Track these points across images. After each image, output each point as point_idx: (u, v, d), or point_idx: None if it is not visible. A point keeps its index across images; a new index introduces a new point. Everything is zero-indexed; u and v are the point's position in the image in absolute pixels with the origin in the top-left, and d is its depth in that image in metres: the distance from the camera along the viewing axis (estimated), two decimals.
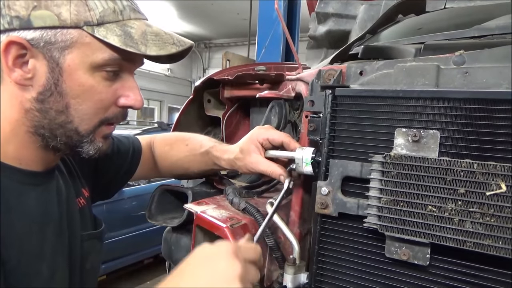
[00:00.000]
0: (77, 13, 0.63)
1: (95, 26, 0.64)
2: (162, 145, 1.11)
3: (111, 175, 1.01)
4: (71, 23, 0.63)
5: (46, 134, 0.68)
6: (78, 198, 0.86)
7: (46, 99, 0.66)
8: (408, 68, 0.74)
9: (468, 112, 0.65)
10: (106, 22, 0.65)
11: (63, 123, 0.67)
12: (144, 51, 0.66)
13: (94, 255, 0.87)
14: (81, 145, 0.71)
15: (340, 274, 0.77)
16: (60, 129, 0.68)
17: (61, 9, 0.62)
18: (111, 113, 0.72)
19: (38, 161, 0.71)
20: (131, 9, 0.69)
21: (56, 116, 0.67)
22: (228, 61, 5.06)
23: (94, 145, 0.72)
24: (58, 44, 0.63)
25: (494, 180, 0.59)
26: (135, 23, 0.68)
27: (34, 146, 0.69)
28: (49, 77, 0.65)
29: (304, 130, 0.91)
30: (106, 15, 0.65)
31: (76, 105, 0.67)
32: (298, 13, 5.02)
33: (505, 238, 0.58)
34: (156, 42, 0.68)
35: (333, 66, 0.86)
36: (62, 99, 0.66)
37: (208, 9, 10.02)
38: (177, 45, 0.71)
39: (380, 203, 0.68)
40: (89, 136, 0.71)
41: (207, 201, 0.99)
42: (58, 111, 0.67)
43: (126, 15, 0.68)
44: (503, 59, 0.68)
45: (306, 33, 2.10)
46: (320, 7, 1.85)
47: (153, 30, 0.70)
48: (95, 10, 0.64)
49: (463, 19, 1.10)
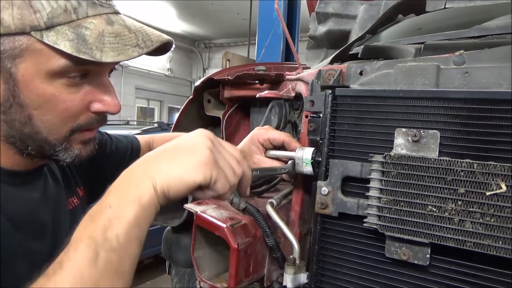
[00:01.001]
0: (20, 17, 0.56)
1: (44, 31, 0.57)
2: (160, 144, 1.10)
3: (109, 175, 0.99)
4: (16, 29, 0.56)
5: (18, 143, 0.64)
6: (71, 198, 0.83)
7: (7, 110, 0.61)
8: (408, 68, 0.74)
9: (468, 112, 0.65)
10: (56, 25, 0.57)
11: (31, 133, 0.63)
12: (99, 57, 0.58)
13: None
14: (55, 154, 0.66)
15: (340, 274, 0.77)
16: (29, 139, 0.64)
17: (2, 14, 0.55)
18: (83, 120, 0.66)
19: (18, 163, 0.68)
20: (89, 4, 0.61)
21: (22, 127, 0.62)
22: (228, 61, 5.06)
23: (70, 152, 0.67)
24: (7, 52, 0.57)
25: (494, 180, 0.59)
26: (93, 22, 0.60)
27: (11, 152, 0.66)
28: (5, 88, 0.59)
29: (304, 130, 0.91)
30: (55, 16, 0.57)
31: (39, 116, 0.62)
32: (298, 13, 5.02)
33: (505, 238, 0.58)
34: (115, 45, 0.60)
35: (333, 66, 0.86)
36: (22, 110, 0.61)
37: (208, 9, 10.02)
38: (141, 46, 0.62)
39: (380, 203, 0.68)
40: (62, 145, 0.66)
41: (207, 201, 0.99)
42: (21, 122, 0.62)
43: (81, 13, 0.60)
44: (503, 59, 0.68)
45: (306, 33, 2.10)
46: (320, 7, 1.85)
47: (113, 30, 0.61)
48: (42, 12, 0.56)
49: (463, 19, 1.10)
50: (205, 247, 0.93)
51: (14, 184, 0.68)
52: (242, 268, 0.82)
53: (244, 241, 0.82)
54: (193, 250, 0.91)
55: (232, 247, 0.80)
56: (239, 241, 0.81)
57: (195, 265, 0.91)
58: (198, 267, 0.91)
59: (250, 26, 6.26)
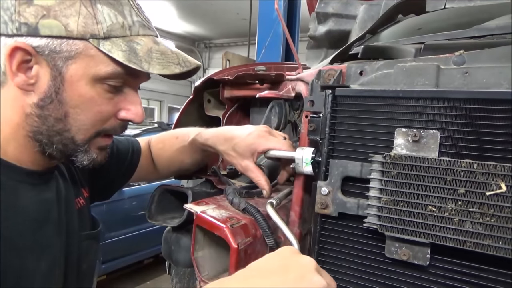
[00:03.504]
0: (84, 25, 0.63)
1: (101, 40, 0.65)
2: (156, 143, 1.12)
3: (110, 176, 1.01)
4: (77, 35, 0.63)
5: (44, 140, 0.68)
6: (78, 198, 0.86)
7: (46, 105, 0.66)
8: (408, 68, 0.74)
9: (468, 112, 0.65)
10: (113, 37, 0.66)
11: (61, 130, 0.68)
12: (147, 68, 0.67)
13: (91, 256, 0.87)
14: (75, 154, 0.71)
15: (340, 274, 0.77)
16: (57, 136, 0.68)
17: (69, 20, 0.63)
18: (109, 125, 0.72)
19: (37, 163, 0.72)
20: (141, 25, 0.69)
21: (55, 123, 0.67)
22: (228, 61, 5.07)
23: (88, 155, 0.72)
24: (62, 53, 0.64)
25: (494, 180, 0.59)
26: (143, 40, 0.69)
27: (32, 150, 0.70)
28: (51, 85, 0.65)
29: (304, 130, 0.91)
30: (113, 30, 0.65)
31: (74, 115, 0.68)
32: (298, 13, 5.02)
33: (505, 238, 0.58)
34: (161, 60, 0.68)
35: (333, 66, 0.86)
36: (61, 107, 0.67)
37: (208, 9, 10.02)
38: (182, 65, 0.71)
39: (380, 203, 0.68)
40: (84, 146, 0.71)
41: (207, 201, 0.99)
42: (56, 118, 0.67)
43: (134, 31, 0.68)
44: (503, 59, 0.68)
45: (306, 33, 2.10)
46: (320, 7, 1.85)
47: (159, 48, 0.70)
48: (103, 24, 0.65)
49: (463, 19, 1.10)
50: (205, 247, 0.93)
51: (32, 184, 0.72)
52: (242, 268, 0.82)
53: (244, 241, 0.82)
54: (193, 250, 0.91)
55: (232, 247, 0.80)
56: (239, 241, 0.81)
57: (195, 265, 0.90)
58: (198, 267, 0.91)
59: (250, 26, 6.26)
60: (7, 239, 0.64)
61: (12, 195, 0.67)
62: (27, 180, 0.71)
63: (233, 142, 0.94)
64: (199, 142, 1.02)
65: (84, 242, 0.84)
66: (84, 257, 0.84)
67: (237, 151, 0.93)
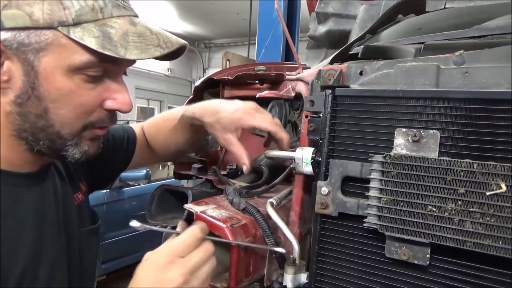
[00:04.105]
0: (50, 13, 0.58)
1: (71, 27, 0.59)
2: (149, 128, 1.11)
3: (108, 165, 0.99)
4: (44, 24, 0.58)
5: (29, 138, 0.65)
6: (76, 194, 0.84)
7: (24, 102, 0.62)
8: (408, 68, 0.74)
9: (468, 112, 0.65)
10: (83, 22, 0.60)
11: (44, 127, 0.64)
12: (124, 54, 0.61)
13: (92, 251, 0.86)
14: (65, 149, 0.67)
15: (340, 274, 0.77)
16: (42, 133, 0.65)
17: (33, 8, 0.58)
18: (95, 117, 0.68)
19: (28, 162, 0.69)
20: (114, 5, 0.63)
21: (36, 120, 0.64)
22: (228, 61, 5.06)
23: (79, 148, 0.68)
24: (32, 46, 0.59)
25: (494, 180, 0.59)
26: (117, 22, 0.63)
27: (20, 149, 0.67)
28: (25, 80, 0.61)
29: (304, 130, 0.91)
30: (83, 14, 0.60)
31: (55, 109, 0.63)
32: (298, 13, 5.02)
33: (505, 238, 0.58)
34: (138, 44, 0.63)
35: (333, 66, 0.86)
36: (40, 103, 0.62)
37: (208, 9, 10.01)
38: (162, 47, 0.65)
39: (380, 203, 0.68)
40: (73, 140, 0.67)
41: (207, 201, 0.99)
42: (37, 115, 0.63)
43: (107, 13, 0.62)
44: (503, 59, 0.68)
45: (306, 33, 2.10)
46: (320, 7, 1.85)
47: (137, 30, 0.64)
48: (71, 9, 0.59)
49: (463, 19, 1.10)
50: None
51: (28, 186, 0.69)
52: (242, 268, 0.82)
53: (244, 241, 0.82)
54: None
55: (232, 247, 0.80)
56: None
57: None
58: None
59: (250, 26, 6.26)
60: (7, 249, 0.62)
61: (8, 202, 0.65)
62: (22, 184, 0.68)
63: (220, 115, 0.90)
64: (187, 116, 0.98)
65: (84, 239, 0.82)
66: (85, 253, 0.82)
67: (222, 124, 0.90)
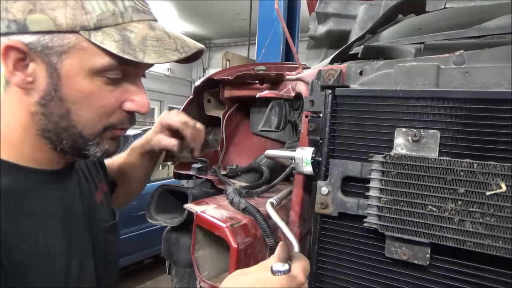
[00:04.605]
0: (73, 17, 0.60)
1: (92, 31, 0.62)
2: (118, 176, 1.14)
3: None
4: (67, 28, 0.60)
5: (53, 137, 0.67)
6: (97, 192, 0.88)
7: (48, 103, 0.65)
8: (408, 68, 0.74)
9: (468, 112, 0.65)
10: (104, 26, 0.62)
11: (67, 127, 0.67)
12: (142, 58, 0.63)
13: (115, 246, 0.91)
14: (87, 148, 0.70)
15: (340, 274, 0.77)
16: (65, 133, 0.67)
17: (57, 12, 0.60)
18: (116, 119, 0.70)
19: (53, 161, 0.72)
20: (134, 9, 0.66)
21: (59, 120, 0.66)
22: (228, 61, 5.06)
23: (101, 147, 0.71)
24: (55, 49, 0.61)
25: (494, 180, 0.59)
26: (137, 26, 0.65)
27: (46, 148, 0.69)
28: (49, 82, 0.64)
29: (304, 130, 0.91)
30: (104, 19, 0.62)
31: (77, 111, 0.66)
32: (298, 13, 5.02)
33: (505, 238, 0.58)
34: (156, 48, 0.65)
35: (333, 66, 0.86)
36: (62, 104, 0.65)
37: (208, 9, 10.02)
38: (180, 51, 0.67)
39: (380, 203, 0.68)
40: (95, 140, 0.70)
41: (207, 201, 0.99)
42: (60, 115, 0.66)
43: (127, 18, 0.64)
44: (503, 59, 0.68)
45: (306, 33, 2.10)
46: (320, 7, 1.85)
47: (155, 35, 0.66)
48: (92, 14, 0.61)
49: (463, 19, 1.10)
50: (205, 247, 0.93)
51: (55, 183, 0.72)
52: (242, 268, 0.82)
53: (244, 241, 0.82)
54: (193, 250, 0.91)
55: (232, 247, 0.80)
56: (239, 241, 0.81)
57: (195, 265, 0.91)
58: (198, 267, 0.91)
59: (250, 26, 6.26)
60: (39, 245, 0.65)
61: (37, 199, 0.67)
62: (49, 181, 0.71)
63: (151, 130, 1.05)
64: (136, 147, 1.09)
65: (107, 233, 0.86)
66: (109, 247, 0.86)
67: (153, 131, 1.05)
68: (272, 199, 0.93)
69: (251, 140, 1.45)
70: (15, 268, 0.59)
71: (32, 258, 0.62)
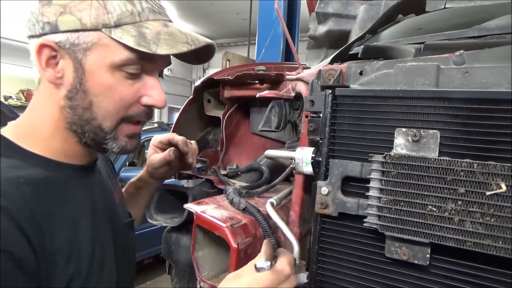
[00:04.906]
0: (96, 17, 0.68)
1: (112, 28, 0.69)
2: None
3: None
4: (91, 26, 0.68)
5: (78, 130, 0.73)
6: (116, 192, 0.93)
7: (74, 96, 0.71)
8: (408, 68, 0.74)
9: (468, 112, 0.65)
10: (123, 24, 0.69)
11: (89, 119, 0.72)
12: (155, 50, 0.69)
13: (132, 242, 0.94)
14: (105, 142, 0.75)
15: (340, 274, 0.77)
16: (87, 125, 0.73)
17: (83, 13, 0.67)
18: (133, 111, 0.75)
19: (80, 155, 0.77)
20: (151, 10, 0.72)
21: (83, 112, 0.72)
22: (228, 61, 5.07)
23: (117, 142, 0.76)
24: (80, 46, 0.68)
25: (494, 180, 0.59)
26: (152, 24, 0.72)
27: (73, 141, 0.74)
28: (75, 76, 0.70)
29: (304, 130, 0.91)
30: (123, 17, 0.69)
31: (98, 103, 0.71)
32: (298, 13, 5.02)
33: (505, 238, 0.58)
34: (168, 41, 0.70)
35: (333, 66, 0.86)
36: (86, 96, 0.71)
37: (208, 9, 10.02)
38: (190, 44, 0.73)
39: (380, 203, 0.68)
40: (112, 133, 0.74)
41: (207, 201, 0.99)
42: (84, 108, 0.71)
43: (144, 17, 0.71)
44: (503, 59, 0.68)
45: (306, 33, 2.10)
46: (320, 7, 1.85)
47: (168, 30, 0.72)
48: (113, 13, 0.68)
49: (463, 19, 1.10)
50: (205, 247, 0.93)
51: (81, 177, 0.77)
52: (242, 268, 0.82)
53: (244, 241, 0.82)
54: (193, 250, 0.91)
55: (232, 247, 0.80)
56: (239, 241, 0.81)
57: (195, 265, 0.91)
58: (198, 267, 0.91)
59: (250, 26, 6.26)
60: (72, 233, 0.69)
61: (68, 190, 0.73)
62: (77, 174, 0.76)
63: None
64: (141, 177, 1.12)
65: (125, 230, 0.90)
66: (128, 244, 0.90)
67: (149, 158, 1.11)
68: (272, 199, 0.93)
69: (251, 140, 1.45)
70: (49, 254, 0.63)
71: (64, 245, 0.67)
